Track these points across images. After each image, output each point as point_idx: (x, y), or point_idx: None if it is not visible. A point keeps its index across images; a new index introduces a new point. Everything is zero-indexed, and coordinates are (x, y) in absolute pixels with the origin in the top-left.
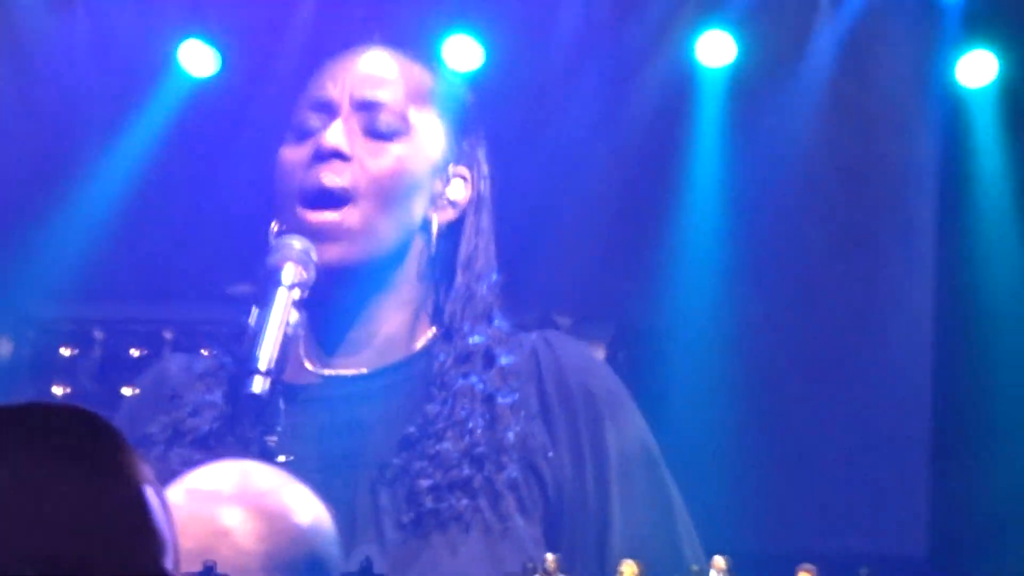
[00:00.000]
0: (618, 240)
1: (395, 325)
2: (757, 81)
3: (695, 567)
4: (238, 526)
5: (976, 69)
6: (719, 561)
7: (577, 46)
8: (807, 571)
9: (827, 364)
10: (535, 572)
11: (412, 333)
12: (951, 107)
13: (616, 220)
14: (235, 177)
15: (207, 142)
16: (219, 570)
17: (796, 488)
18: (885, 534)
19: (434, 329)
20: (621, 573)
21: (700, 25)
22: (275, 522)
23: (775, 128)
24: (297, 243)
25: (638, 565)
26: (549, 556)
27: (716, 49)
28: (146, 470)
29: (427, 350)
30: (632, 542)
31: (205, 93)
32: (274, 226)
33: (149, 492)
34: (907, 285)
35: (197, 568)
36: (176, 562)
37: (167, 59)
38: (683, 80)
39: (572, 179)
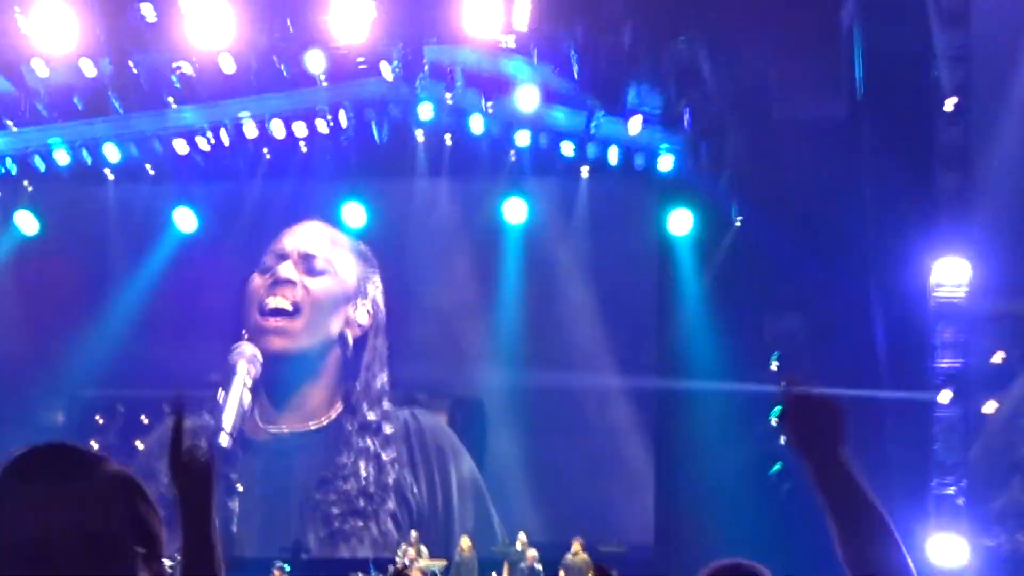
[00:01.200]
0: (454, 344)
1: (317, 400)
2: (542, 232)
3: (505, 540)
4: None
5: (679, 223)
6: (522, 535)
7: (428, 209)
8: (578, 541)
9: (579, 408)
10: (406, 544)
11: (329, 407)
12: (665, 247)
13: (451, 331)
14: (212, 299)
15: (193, 275)
16: None
17: (562, 492)
18: (619, 527)
19: (342, 406)
20: (461, 546)
21: (505, 194)
22: None
23: (553, 263)
24: (247, 348)
25: (470, 539)
26: (413, 532)
27: (516, 211)
28: (132, 477)
29: (338, 420)
30: (465, 528)
31: (190, 243)
32: (244, 332)
33: (130, 488)
34: (637, 356)
35: None
36: (156, 536)
37: (166, 220)
38: (496, 233)
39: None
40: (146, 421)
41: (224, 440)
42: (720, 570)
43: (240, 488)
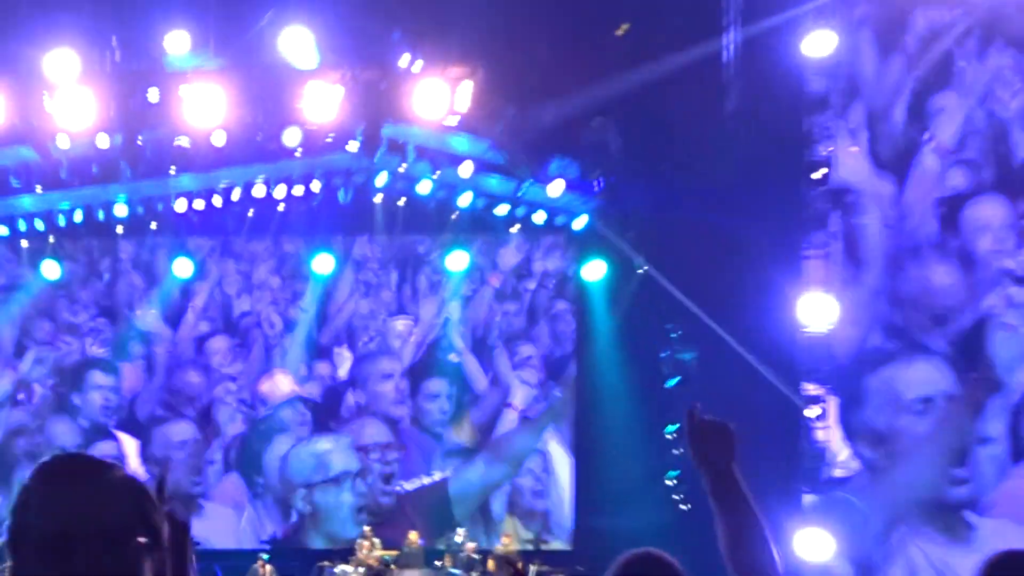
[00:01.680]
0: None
1: None
2: (480, 278)
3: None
4: None
5: (593, 272)
6: (461, 530)
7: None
8: (508, 535)
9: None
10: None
11: None
12: (583, 292)
13: None
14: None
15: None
16: None
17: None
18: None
19: None
20: (409, 539)
21: (449, 247)
22: None
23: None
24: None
25: (417, 533)
26: (366, 528)
27: (458, 261)
28: (137, 480)
29: None
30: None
31: (186, 286)
32: None
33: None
34: (559, 378)
35: None
36: (158, 530)
37: (166, 267)
38: (441, 279)
39: None
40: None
41: None
42: (632, 558)
43: None
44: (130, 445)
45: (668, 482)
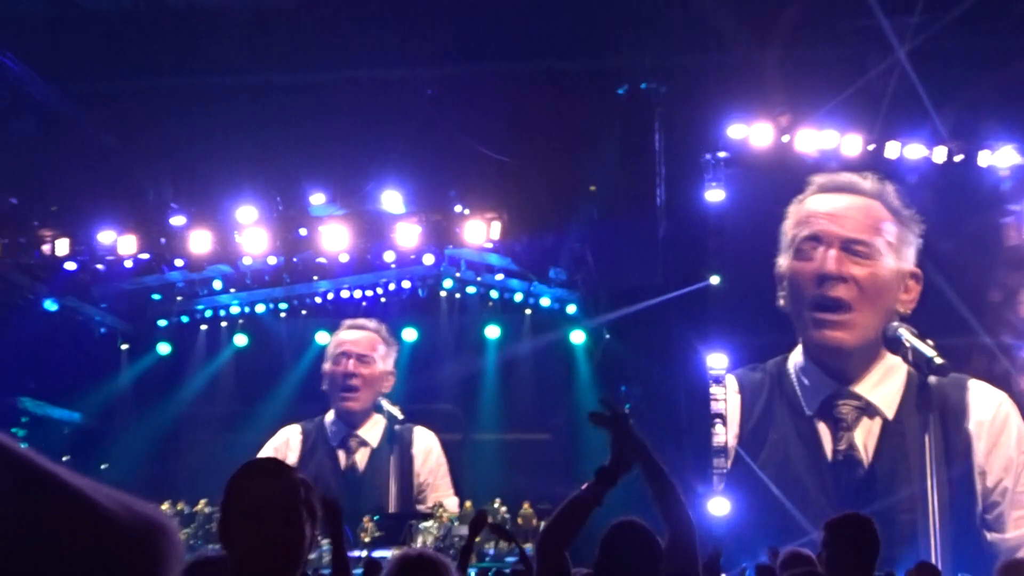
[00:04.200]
0: (458, 399)
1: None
2: (506, 343)
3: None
4: None
5: (577, 338)
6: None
7: (447, 332)
8: (527, 502)
9: (525, 444)
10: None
11: None
12: (569, 351)
13: (457, 396)
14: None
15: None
16: None
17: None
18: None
19: None
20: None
21: (486, 323)
22: None
23: (512, 360)
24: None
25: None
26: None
27: (493, 332)
28: (303, 476)
29: None
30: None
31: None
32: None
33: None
34: (553, 412)
35: None
36: (315, 510)
37: (310, 341)
38: (482, 344)
39: None
40: None
41: None
42: (618, 525)
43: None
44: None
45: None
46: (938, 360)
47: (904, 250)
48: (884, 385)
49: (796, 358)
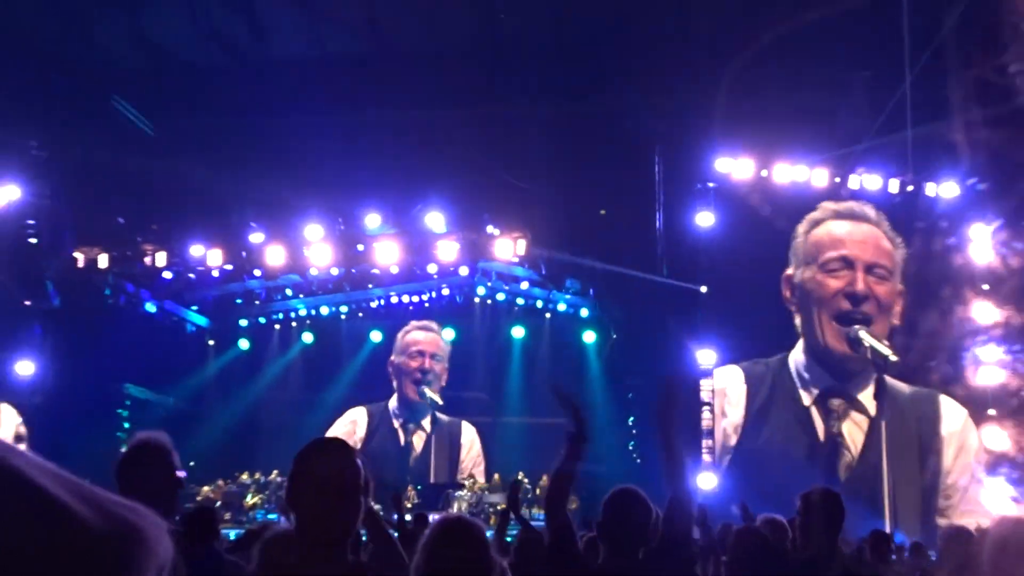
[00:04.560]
0: (487, 387)
1: None
2: (530, 342)
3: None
4: None
5: (590, 337)
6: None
7: (480, 332)
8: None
9: (545, 431)
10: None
11: None
12: (582, 348)
13: (484, 386)
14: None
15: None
16: None
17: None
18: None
19: None
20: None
21: (512, 324)
22: None
23: (534, 355)
24: None
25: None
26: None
27: (518, 332)
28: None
29: None
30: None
31: (378, 350)
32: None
33: None
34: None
35: None
36: (368, 482)
37: (365, 338)
38: (509, 343)
39: None
40: None
41: None
42: (618, 491)
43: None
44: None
45: (630, 448)
46: (893, 358)
47: (898, 271)
48: (871, 387)
49: (797, 355)
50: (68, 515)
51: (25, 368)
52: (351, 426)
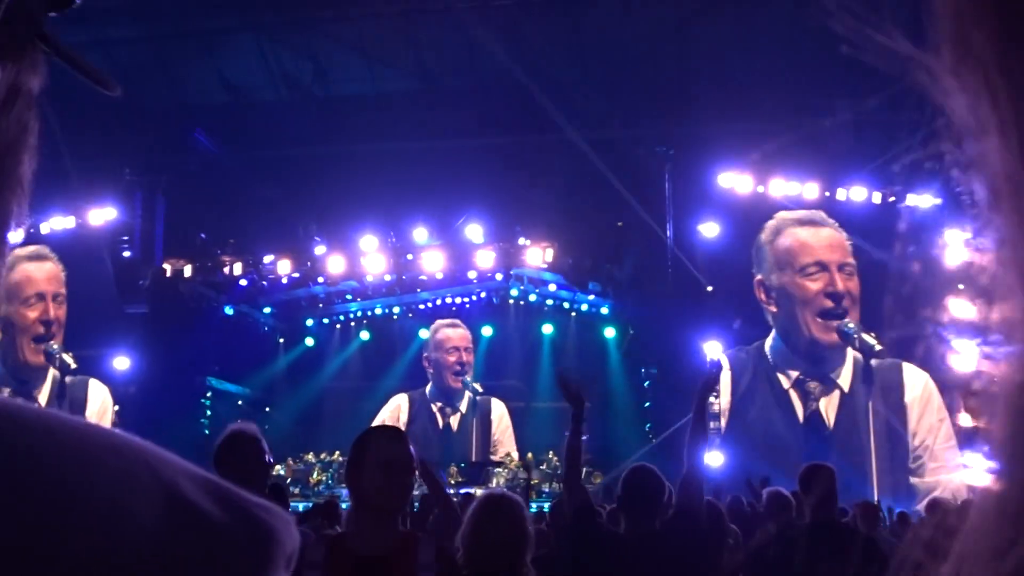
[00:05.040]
0: (519, 376)
1: None
2: (559, 339)
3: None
4: None
5: (610, 333)
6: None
7: (514, 330)
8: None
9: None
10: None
11: None
12: (604, 343)
13: (517, 374)
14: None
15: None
16: None
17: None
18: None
19: None
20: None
21: (543, 322)
22: None
23: (563, 348)
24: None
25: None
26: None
27: (548, 330)
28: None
29: None
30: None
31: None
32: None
33: None
34: (591, 390)
35: None
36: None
37: (415, 335)
38: (540, 339)
39: None
40: None
41: None
42: (633, 468)
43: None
44: (405, 406)
45: (646, 430)
46: (878, 347)
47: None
48: (843, 367)
49: (770, 343)
50: (204, 517)
51: (122, 363)
52: (396, 411)
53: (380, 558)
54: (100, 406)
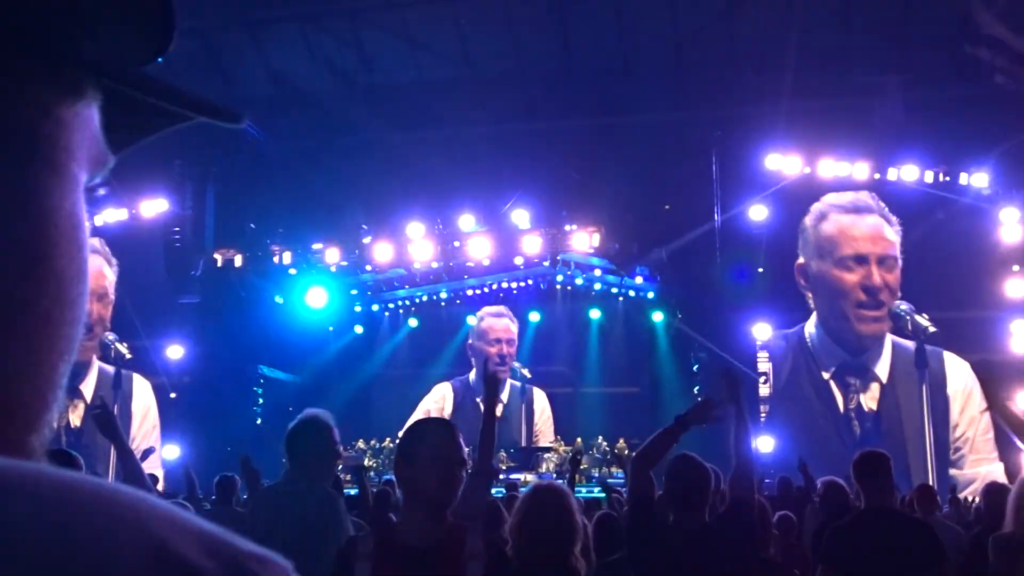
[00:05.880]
0: (574, 367)
1: None
2: (607, 323)
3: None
4: None
5: (658, 317)
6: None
7: (562, 315)
8: (622, 438)
9: (616, 399)
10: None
11: None
12: (652, 327)
13: (566, 361)
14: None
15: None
16: None
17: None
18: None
19: None
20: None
21: (590, 307)
22: None
23: (610, 333)
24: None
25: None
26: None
27: (596, 314)
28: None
29: None
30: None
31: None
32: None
33: None
34: (639, 373)
35: None
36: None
37: (463, 323)
38: (587, 323)
39: None
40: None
41: None
42: (678, 456)
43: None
44: (450, 396)
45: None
46: (931, 329)
47: (898, 250)
48: (881, 358)
49: (810, 329)
50: (193, 572)
51: (175, 352)
52: (441, 401)
53: (430, 549)
54: (144, 401)
